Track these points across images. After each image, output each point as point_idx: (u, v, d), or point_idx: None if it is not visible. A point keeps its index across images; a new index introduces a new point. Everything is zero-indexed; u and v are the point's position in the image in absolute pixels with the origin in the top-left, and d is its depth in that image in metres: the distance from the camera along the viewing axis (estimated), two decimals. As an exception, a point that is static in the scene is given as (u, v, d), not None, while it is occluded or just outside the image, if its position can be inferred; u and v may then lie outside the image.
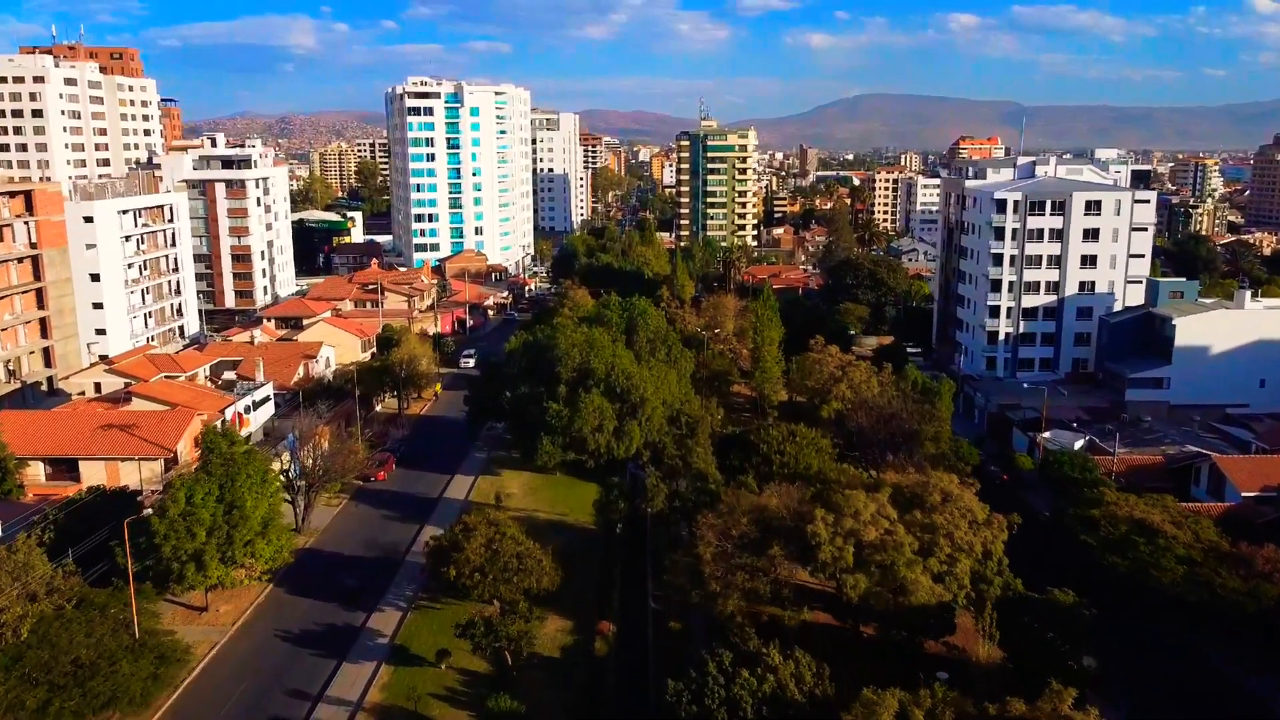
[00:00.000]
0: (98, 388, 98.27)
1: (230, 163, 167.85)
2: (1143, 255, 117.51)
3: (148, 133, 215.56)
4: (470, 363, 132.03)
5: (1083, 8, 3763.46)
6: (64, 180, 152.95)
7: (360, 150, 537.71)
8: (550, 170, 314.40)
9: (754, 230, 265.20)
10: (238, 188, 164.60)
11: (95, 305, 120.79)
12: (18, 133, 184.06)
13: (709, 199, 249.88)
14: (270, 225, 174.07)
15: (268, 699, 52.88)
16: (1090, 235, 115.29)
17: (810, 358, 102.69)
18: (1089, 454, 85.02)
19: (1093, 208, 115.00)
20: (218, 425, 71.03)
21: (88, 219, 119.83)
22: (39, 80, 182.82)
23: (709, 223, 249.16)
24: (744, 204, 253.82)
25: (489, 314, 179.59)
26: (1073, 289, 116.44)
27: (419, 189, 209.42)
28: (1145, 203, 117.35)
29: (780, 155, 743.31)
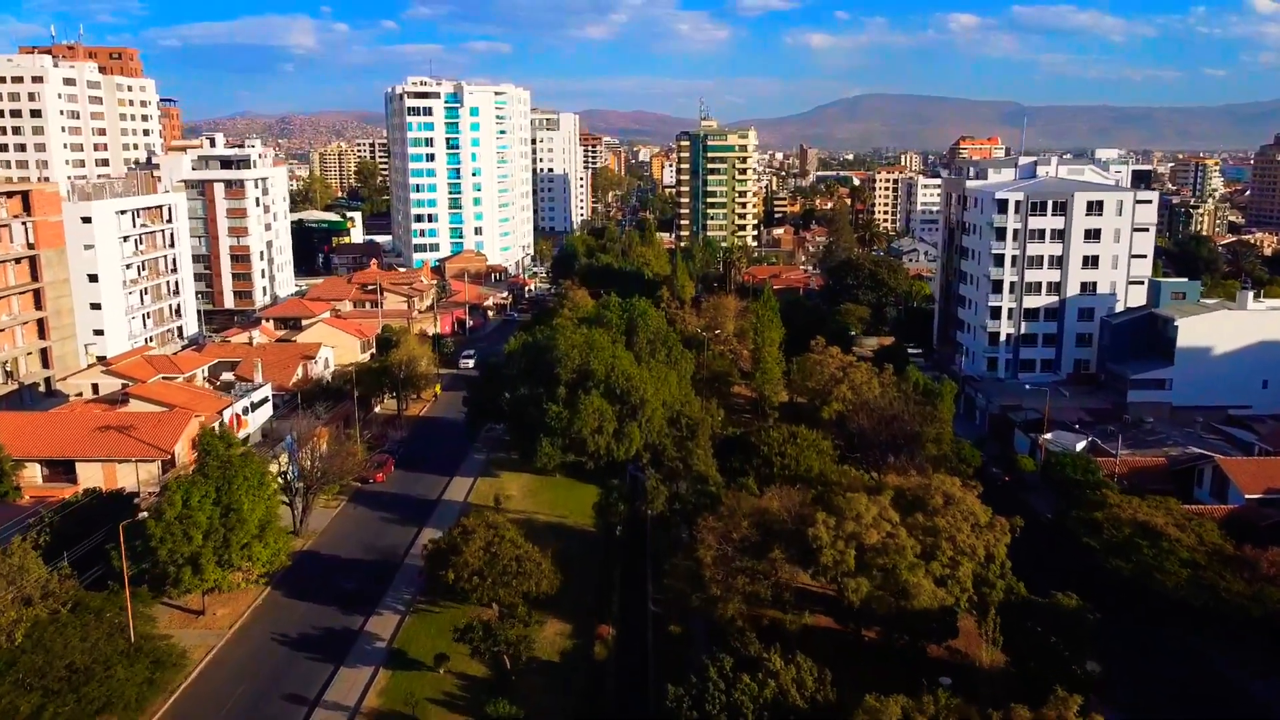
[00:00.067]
0: (95, 389, 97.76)
1: (229, 163, 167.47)
2: (1145, 256, 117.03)
3: (147, 133, 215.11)
4: (470, 363, 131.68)
5: (1083, 8, 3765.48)
6: (62, 180, 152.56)
7: (360, 150, 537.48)
8: (550, 170, 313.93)
9: (754, 230, 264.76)
10: (236, 188, 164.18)
11: (93, 306, 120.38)
12: (16, 133, 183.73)
13: (709, 199, 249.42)
14: (269, 225, 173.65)
15: (265, 703, 52.50)
16: (1092, 236, 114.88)
17: (811, 359, 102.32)
18: (1091, 456, 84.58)
19: (1094, 208, 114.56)
20: (215, 427, 70.66)
21: (86, 219, 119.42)
22: (38, 80, 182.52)
23: (709, 223, 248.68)
24: (744, 204, 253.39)
25: (488, 314, 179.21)
26: (1074, 290, 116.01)
27: (418, 189, 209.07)
28: (1147, 203, 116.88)
29: (780, 155, 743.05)
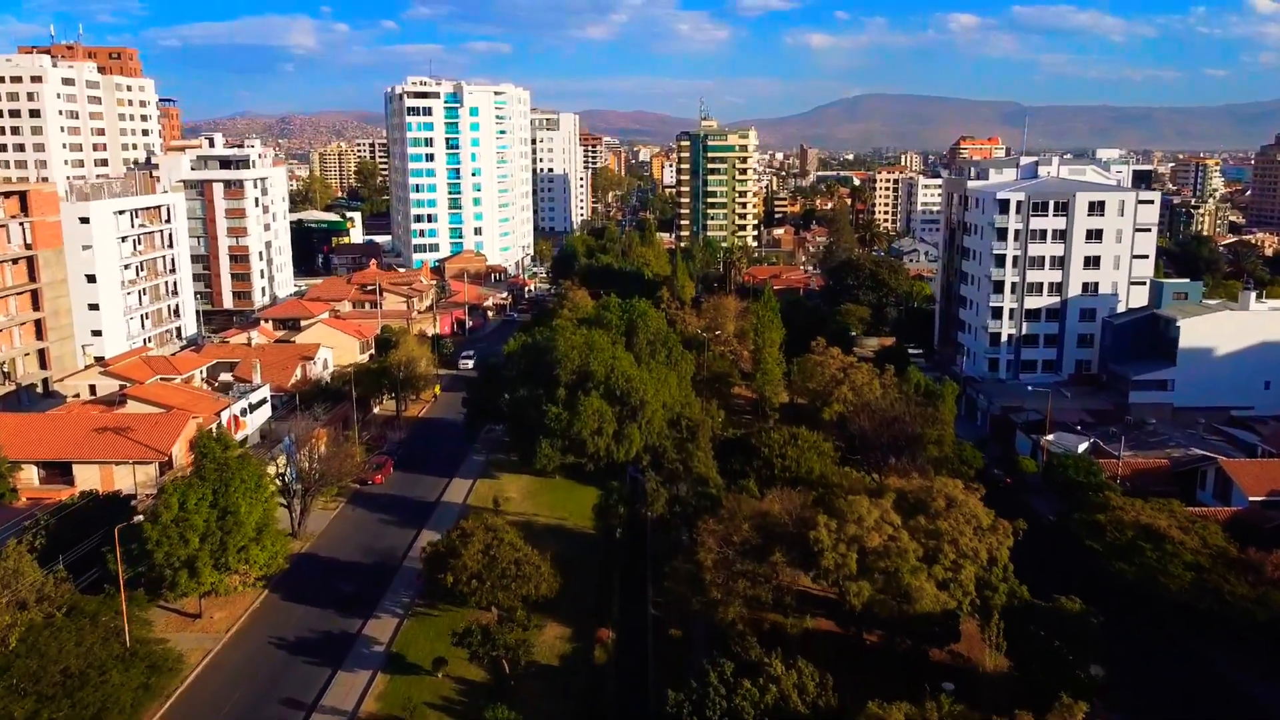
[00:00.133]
0: (93, 390, 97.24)
1: (228, 163, 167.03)
2: (1146, 256, 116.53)
3: (146, 133, 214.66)
4: (469, 364, 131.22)
5: (1083, 8, 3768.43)
6: (60, 181, 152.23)
7: (360, 150, 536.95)
8: (550, 170, 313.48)
9: (754, 230, 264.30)
10: (235, 188, 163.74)
11: (91, 307, 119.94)
12: (15, 133, 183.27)
13: (709, 199, 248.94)
14: (268, 226, 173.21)
15: (262, 708, 52.07)
16: (1094, 236, 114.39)
17: (811, 359, 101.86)
18: (1093, 457, 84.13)
19: (1096, 208, 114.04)
20: (212, 429, 70.24)
21: (84, 220, 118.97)
22: (36, 80, 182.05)
23: (709, 223, 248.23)
24: (744, 204, 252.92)
25: (488, 315, 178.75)
26: (1076, 290, 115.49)
27: (418, 189, 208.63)
28: (1149, 203, 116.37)
29: (780, 155, 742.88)
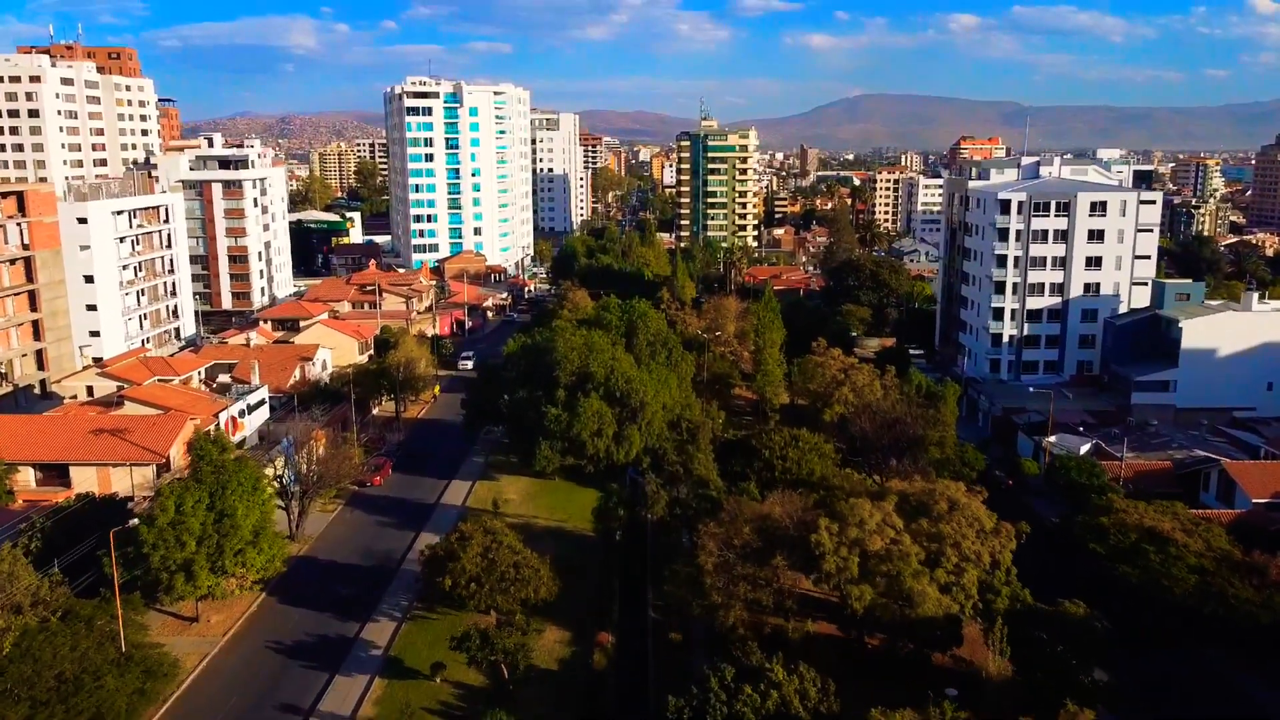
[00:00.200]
0: (90, 391, 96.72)
1: (227, 163, 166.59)
2: (1148, 257, 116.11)
3: (145, 133, 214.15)
4: (469, 365, 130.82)
5: (1083, 8, 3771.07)
6: (59, 181, 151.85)
7: (360, 151, 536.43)
8: (550, 170, 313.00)
9: (755, 231, 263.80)
10: (234, 188, 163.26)
11: (89, 307, 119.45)
12: (14, 133, 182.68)
13: (709, 199, 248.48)
14: (268, 226, 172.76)
15: (258, 713, 51.63)
16: (1095, 236, 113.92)
17: (812, 360, 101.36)
18: (1095, 459, 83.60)
19: (1098, 209, 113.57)
20: (210, 431, 69.80)
21: (82, 220, 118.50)
22: (35, 80, 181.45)
23: (709, 223, 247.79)
24: (744, 204, 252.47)
25: (488, 315, 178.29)
26: (1077, 291, 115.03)
27: (417, 189, 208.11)
28: (1151, 203, 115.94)
29: (781, 155, 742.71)
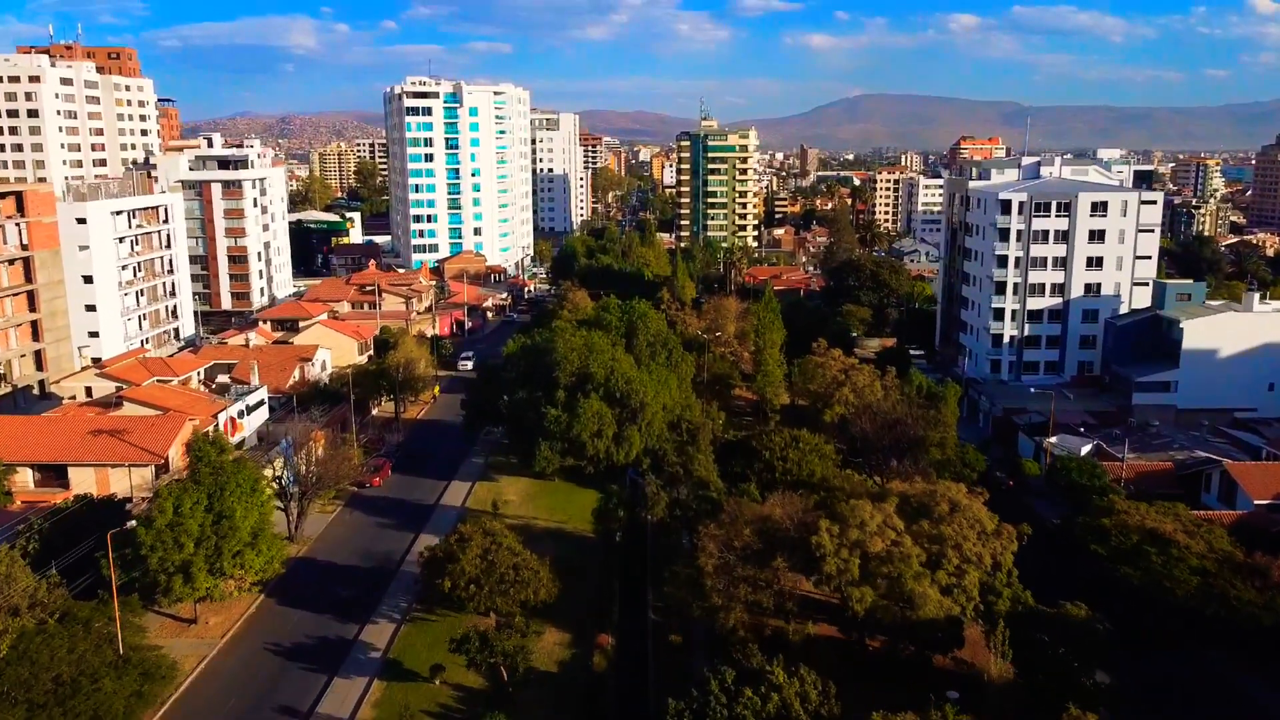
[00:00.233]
0: (89, 392, 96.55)
1: (226, 163, 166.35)
2: (1149, 257, 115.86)
3: (145, 133, 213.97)
4: (469, 365, 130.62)
5: (1083, 8, 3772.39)
6: (58, 181, 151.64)
7: (360, 151, 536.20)
8: (550, 170, 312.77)
9: (755, 231, 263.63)
10: (234, 188, 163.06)
11: (88, 308, 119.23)
12: (13, 133, 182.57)
13: (709, 199, 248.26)
14: (267, 226, 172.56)
15: (256, 716, 51.38)
16: (1096, 237, 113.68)
17: (812, 361, 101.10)
18: (1097, 460, 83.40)
19: (1099, 209, 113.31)
20: (208, 432, 69.59)
21: (80, 220, 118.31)
22: (34, 80, 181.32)
23: (709, 223, 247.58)
24: (745, 204, 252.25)
25: (488, 316, 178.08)
26: (1078, 291, 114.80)
27: (417, 189, 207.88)
28: (1152, 204, 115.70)
29: (781, 155, 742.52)
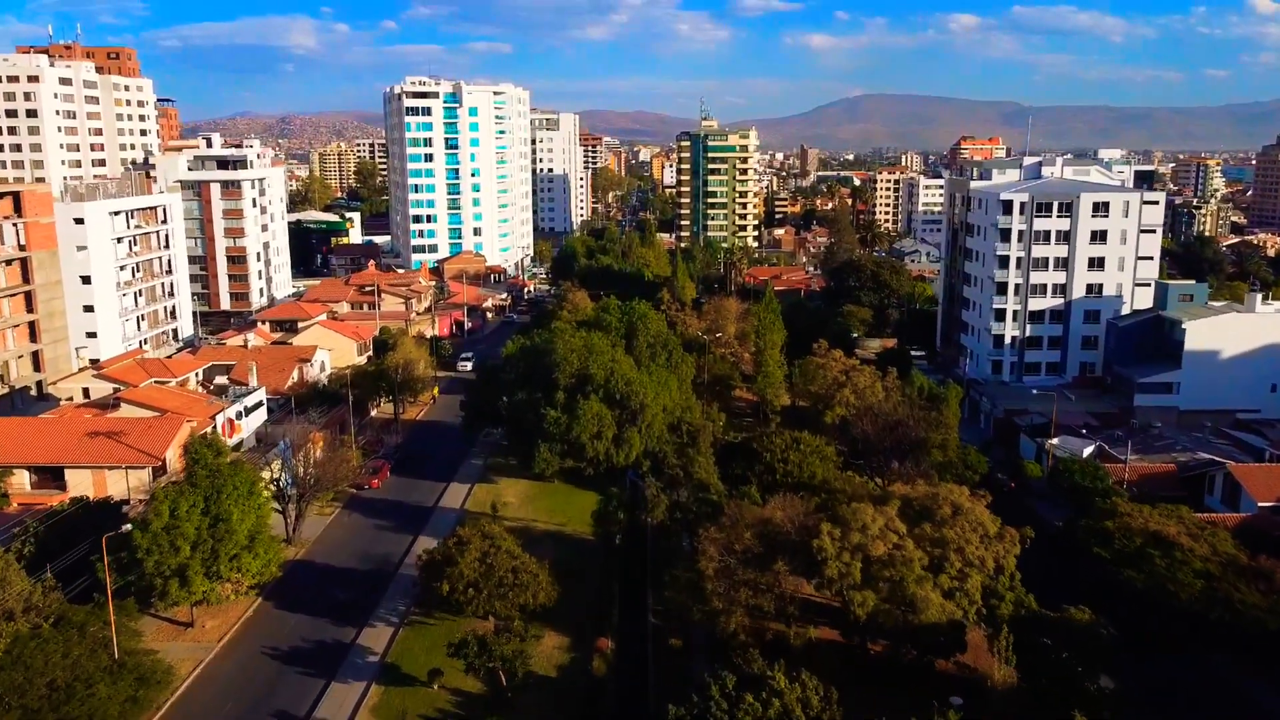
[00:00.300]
0: (86, 393, 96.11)
1: (225, 163, 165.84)
2: (1151, 257, 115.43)
3: (144, 133, 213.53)
4: (468, 366, 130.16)
5: (1083, 8, 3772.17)
6: (57, 181, 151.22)
7: (359, 151, 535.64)
8: (550, 170, 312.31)
9: (755, 231, 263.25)
10: (233, 188, 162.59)
11: (86, 308, 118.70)
12: (12, 133, 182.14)
13: (709, 199, 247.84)
14: (266, 226, 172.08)
15: (253, 720, 51.02)
16: (1098, 237, 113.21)
17: (813, 362, 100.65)
18: (1099, 461, 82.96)
19: (1100, 209, 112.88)
20: (205, 434, 69.15)
21: (78, 220, 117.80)
22: (34, 80, 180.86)
23: (710, 223, 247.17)
24: (745, 204, 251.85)
25: (487, 316, 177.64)
26: (1080, 292, 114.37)
27: (417, 189, 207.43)
28: (1154, 204, 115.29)
29: (781, 155, 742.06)
